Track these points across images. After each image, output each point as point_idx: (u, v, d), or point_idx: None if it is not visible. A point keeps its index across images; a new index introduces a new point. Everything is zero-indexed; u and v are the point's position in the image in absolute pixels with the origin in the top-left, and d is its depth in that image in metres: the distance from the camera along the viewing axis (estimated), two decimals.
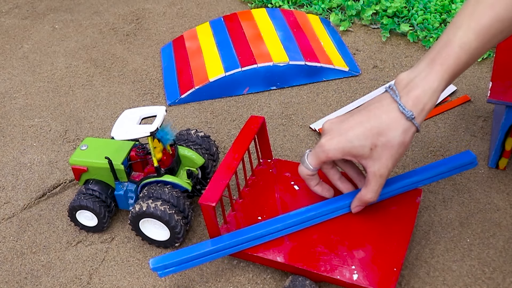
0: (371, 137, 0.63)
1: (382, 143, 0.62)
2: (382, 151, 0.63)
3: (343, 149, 0.64)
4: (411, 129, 0.63)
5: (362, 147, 0.63)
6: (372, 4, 1.27)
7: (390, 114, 0.62)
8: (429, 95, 0.62)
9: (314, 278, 0.72)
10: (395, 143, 0.63)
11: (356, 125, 0.64)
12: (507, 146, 0.85)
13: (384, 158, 0.64)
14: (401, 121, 0.62)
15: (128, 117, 0.80)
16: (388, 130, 0.62)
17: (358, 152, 0.64)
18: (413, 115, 0.62)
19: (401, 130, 0.62)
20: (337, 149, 0.64)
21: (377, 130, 0.62)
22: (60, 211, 0.90)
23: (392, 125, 0.62)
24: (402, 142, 0.63)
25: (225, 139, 1.01)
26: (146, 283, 0.78)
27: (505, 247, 0.78)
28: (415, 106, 0.62)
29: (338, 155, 0.65)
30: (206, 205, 0.71)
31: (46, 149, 1.03)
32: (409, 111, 0.62)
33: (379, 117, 0.63)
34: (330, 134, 0.65)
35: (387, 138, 0.62)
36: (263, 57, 1.10)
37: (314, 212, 0.76)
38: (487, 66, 1.11)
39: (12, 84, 1.21)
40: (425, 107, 0.63)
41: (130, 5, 1.46)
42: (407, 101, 0.62)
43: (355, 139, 0.63)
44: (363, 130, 0.63)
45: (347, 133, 0.64)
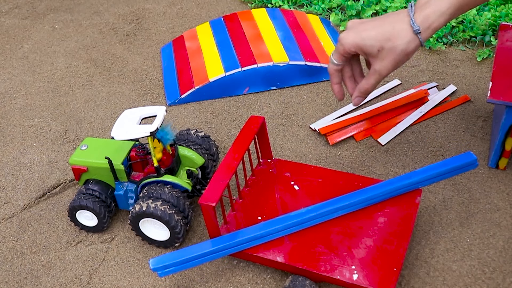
0: (381, 40, 0.74)
1: (388, 47, 0.73)
2: (387, 54, 0.74)
3: (356, 44, 0.75)
4: (415, 41, 0.73)
5: (371, 46, 0.74)
6: (372, 4, 1.27)
7: (401, 24, 0.73)
8: (437, 16, 0.72)
9: (314, 278, 0.72)
10: (399, 49, 0.73)
11: (371, 28, 0.75)
12: (507, 146, 0.85)
13: (386, 60, 0.74)
14: (408, 33, 0.73)
15: (128, 117, 0.79)
16: (396, 37, 0.73)
17: (367, 49, 0.75)
18: (419, 30, 0.72)
19: (407, 40, 0.73)
20: (351, 43, 0.75)
21: (387, 36, 0.73)
22: (60, 211, 0.90)
23: (400, 34, 0.73)
24: (404, 50, 0.73)
25: (225, 139, 1.01)
26: (146, 283, 0.78)
27: (505, 247, 0.78)
28: (423, 23, 0.72)
29: (352, 48, 0.76)
30: (206, 205, 0.71)
31: (46, 149, 1.03)
32: (417, 25, 0.72)
33: (392, 25, 0.74)
34: (349, 31, 0.76)
35: (393, 44, 0.73)
36: (263, 57, 1.10)
37: (314, 212, 0.76)
38: (487, 66, 1.11)
39: (12, 84, 1.21)
40: (431, 25, 0.72)
41: (130, 5, 1.46)
42: (418, 17, 0.72)
43: (367, 38, 0.74)
44: (375, 33, 0.74)
45: (362, 32, 0.75)
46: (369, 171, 0.91)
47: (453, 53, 1.15)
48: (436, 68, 1.11)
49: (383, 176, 0.90)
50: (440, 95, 1.03)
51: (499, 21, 1.16)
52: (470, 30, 1.17)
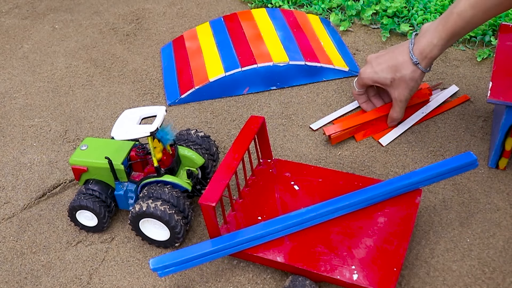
0: (391, 72, 0.89)
1: (398, 77, 0.89)
2: (399, 83, 0.89)
3: (372, 78, 0.92)
4: (417, 70, 0.88)
5: (385, 78, 0.90)
6: (372, 4, 1.27)
7: (404, 57, 0.88)
8: (430, 48, 0.86)
9: (314, 278, 0.72)
10: (407, 78, 0.88)
11: (383, 62, 0.90)
12: (507, 146, 0.85)
13: (401, 88, 0.90)
14: (410, 64, 0.87)
15: (128, 117, 0.79)
16: (402, 68, 0.88)
17: (382, 81, 0.91)
18: (417, 61, 0.87)
19: (410, 70, 0.88)
20: (368, 78, 0.93)
21: (395, 68, 0.89)
22: (60, 211, 0.90)
23: (404, 66, 0.88)
24: (412, 78, 0.88)
25: (225, 139, 1.01)
26: (146, 283, 0.78)
27: (505, 247, 0.78)
28: (420, 54, 0.86)
29: (369, 82, 0.93)
30: (206, 205, 0.71)
31: (46, 149, 1.03)
32: (415, 58, 0.87)
33: (397, 59, 0.88)
34: (367, 66, 0.93)
35: (401, 74, 0.88)
36: (263, 57, 1.10)
37: (314, 212, 0.76)
38: (487, 66, 1.11)
39: (12, 84, 1.21)
40: (427, 56, 0.86)
41: (130, 5, 1.46)
42: (416, 49, 0.87)
43: (380, 72, 0.91)
44: (386, 66, 0.90)
45: (376, 67, 0.91)
46: (369, 171, 0.91)
47: (453, 53, 1.15)
48: (436, 68, 1.11)
49: (383, 176, 0.90)
50: (443, 96, 1.02)
51: (499, 21, 1.16)
52: None
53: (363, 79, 0.93)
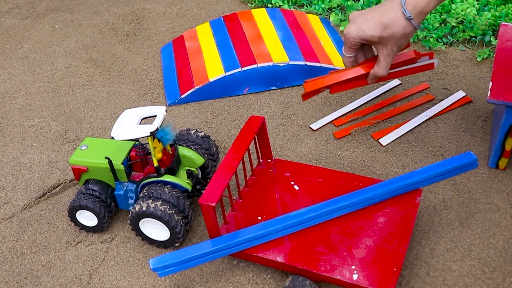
0: (379, 29, 0.81)
1: (388, 34, 0.81)
2: (388, 40, 0.81)
3: (359, 36, 0.83)
4: (409, 27, 0.80)
5: (372, 36, 0.82)
6: (372, 4, 1.27)
7: (395, 12, 0.80)
8: (425, 2, 0.78)
9: (314, 278, 0.72)
10: (398, 35, 0.81)
11: (369, 19, 0.82)
12: (507, 146, 0.85)
13: (389, 44, 0.82)
14: (402, 20, 0.80)
15: (128, 117, 0.79)
16: (392, 25, 0.80)
17: (369, 39, 0.83)
18: (410, 16, 0.79)
19: (402, 27, 0.80)
20: (354, 36, 0.83)
21: (384, 24, 0.81)
22: (60, 211, 0.90)
23: (395, 22, 0.80)
24: (403, 34, 0.81)
25: (225, 139, 1.01)
26: (146, 283, 0.78)
27: (505, 247, 0.78)
28: (414, 9, 0.79)
29: (356, 40, 0.84)
30: (206, 205, 0.71)
31: (46, 149, 1.03)
32: (408, 12, 0.79)
33: (387, 14, 0.80)
34: (351, 24, 0.84)
35: (391, 31, 0.80)
36: (263, 57, 1.10)
37: (314, 212, 0.76)
38: (487, 66, 1.11)
39: (12, 84, 1.21)
40: (422, 10, 0.79)
41: (130, 5, 1.46)
42: (409, 3, 0.79)
43: (367, 29, 0.82)
44: (373, 23, 0.81)
45: (362, 24, 0.82)
46: (369, 171, 0.91)
47: (453, 53, 1.15)
48: (436, 68, 1.11)
49: (383, 176, 0.90)
50: (449, 100, 1.02)
51: (499, 21, 1.16)
52: (470, 30, 1.17)
53: (349, 38, 0.84)
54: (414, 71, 0.91)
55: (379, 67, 0.86)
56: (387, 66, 0.85)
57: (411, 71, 0.91)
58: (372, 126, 1.00)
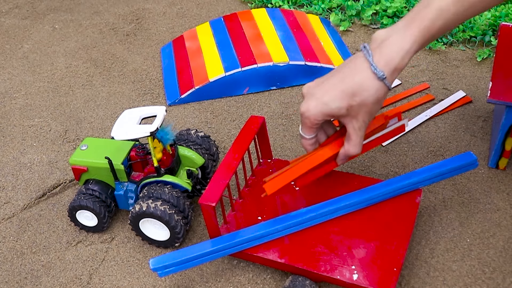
0: (346, 98, 0.65)
1: (357, 103, 0.65)
2: (358, 109, 0.65)
3: (322, 112, 0.67)
4: (383, 88, 0.64)
5: (338, 108, 0.66)
6: (372, 4, 1.27)
7: (362, 74, 0.64)
8: (401, 56, 0.63)
9: (314, 278, 0.72)
10: (370, 101, 0.65)
11: (331, 88, 0.66)
12: (507, 146, 0.85)
13: (360, 115, 0.66)
14: (373, 81, 0.64)
15: (128, 117, 0.80)
16: (361, 90, 0.64)
17: (335, 113, 0.66)
18: (384, 75, 0.63)
19: (374, 90, 0.64)
20: (316, 114, 0.67)
21: (351, 91, 0.64)
22: (60, 211, 0.90)
23: (364, 85, 0.64)
24: (376, 100, 0.65)
25: (225, 139, 1.01)
26: (146, 283, 0.78)
27: (505, 247, 0.78)
28: (387, 66, 0.63)
29: (319, 118, 0.68)
30: (206, 205, 0.71)
31: (46, 149, 1.03)
32: (381, 71, 0.63)
33: (352, 78, 0.64)
34: (308, 100, 0.68)
35: (361, 98, 0.64)
36: (263, 57, 1.10)
37: (314, 212, 0.76)
38: (487, 66, 1.11)
39: (12, 84, 1.21)
40: (397, 66, 0.64)
41: (130, 5, 1.46)
42: (379, 60, 0.64)
43: (331, 102, 0.66)
44: (337, 92, 0.65)
45: (323, 97, 0.66)
46: (369, 171, 0.91)
47: (453, 53, 1.15)
48: (436, 68, 1.11)
49: (383, 176, 0.90)
50: (449, 100, 1.02)
51: (499, 21, 1.16)
52: (470, 30, 1.17)
53: (310, 117, 0.67)
54: (384, 139, 0.78)
55: (351, 145, 0.70)
56: (360, 142, 0.70)
57: (380, 140, 0.78)
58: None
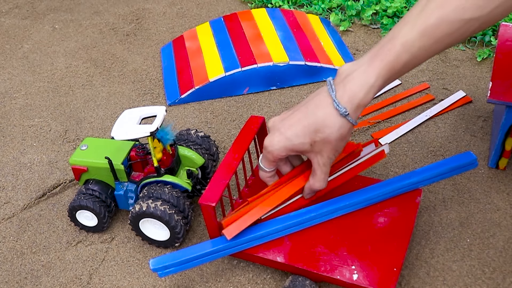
0: (309, 134, 0.65)
1: (321, 139, 0.64)
2: (322, 145, 0.65)
3: (285, 147, 0.67)
4: (346, 125, 0.63)
5: (302, 144, 0.65)
6: (372, 4, 1.27)
7: (325, 109, 0.63)
8: (365, 91, 0.62)
9: (314, 278, 0.72)
10: (333, 138, 0.64)
11: (294, 123, 0.65)
12: (507, 146, 0.85)
13: (324, 151, 0.66)
14: (336, 118, 0.63)
15: (128, 117, 0.80)
16: (324, 126, 0.63)
17: (299, 148, 0.66)
18: (346, 112, 0.62)
19: (337, 127, 0.63)
20: (279, 149, 0.67)
21: (314, 127, 0.64)
22: (60, 211, 0.90)
23: (327, 122, 0.63)
24: (339, 137, 0.64)
25: (225, 139, 1.01)
26: (146, 283, 0.78)
27: (505, 247, 0.78)
28: (350, 102, 0.62)
29: (283, 153, 0.67)
30: (206, 205, 0.71)
31: (46, 149, 1.03)
32: (343, 107, 0.62)
33: (315, 114, 0.64)
34: (273, 135, 0.67)
35: (324, 134, 0.64)
36: (263, 57, 1.10)
37: (314, 212, 0.76)
38: (487, 66, 1.11)
39: (12, 84, 1.21)
40: (360, 102, 0.62)
41: (130, 5, 1.46)
42: (342, 96, 0.62)
43: (294, 137, 0.65)
44: (301, 128, 0.65)
45: (286, 132, 0.66)
46: (369, 171, 0.91)
47: (453, 53, 1.15)
48: (436, 68, 1.11)
49: (383, 176, 0.90)
50: (449, 100, 1.02)
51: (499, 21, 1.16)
52: None
53: (274, 152, 0.67)
54: (363, 167, 0.78)
55: (316, 180, 0.70)
56: (325, 177, 0.69)
57: (359, 168, 0.78)
58: (372, 126, 0.99)
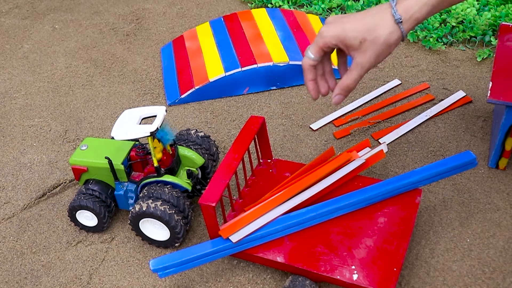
0: (363, 31, 0.71)
1: (371, 38, 0.71)
2: (369, 45, 0.72)
3: (338, 37, 0.72)
4: (397, 32, 0.71)
5: (354, 38, 0.72)
6: (372, 4, 1.27)
7: (383, 15, 0.72)
8: (418, 6, 0.71)
9: (314, 278, 0.72)
10: (381, 40, 0.71)
11: (353, 20, 0.73)
12: (507, 146, 0.85)
13: (368, 52, 0.72)
14: (390, 23, 0.71)
15: (128, 117, 0.80)
16: (377, 27, 0.71)
17: (349, 41, 0.72)
18: (400, 19, 0.70)
19: (388, 31, 0.71)
20: (333, 36, 0.73)
21: (369, 26, 0.71)
22: (60, 211, 0.90)
23: (382, 24, 0.71)
24: (386, 41, 0.71)
25: (225, 139, 1.01)
26: (146, 283, 0.78)
27: (505, 247, 0.78)
28: (405, 13, 0.71)
29: (333, 41, 0.73)
30: (206, 205, 0.71)
31: (46, 149, 1.03)
32: (399, 15, 0.70)
33: (373, 16, 0.72)
34: (330, 24, 0.74)
35: (375, 34, 0.71)
36: (263, 57, 1.10)
37: (314, 212, 0.76)
38: (487, 66, 1.11)
39: (12, 84, 1.21)
40: (413, 15, 0.71)
41: (130, 5, 1.46)
42: (400, 7, 0.71)
43: (349, 30, 0.72)
44: (357, 24, 0.72)
45: (344, 24, 0.72)
46: (369, 171, 0.91)
47: (453, 53, 1.15)
48: (436, 68, 1.11)
49: (383, 176, 0.90)
50: (449, 100, 1.02)
51: (499, 21, 1.16)
52: (470, 30, 1.17)
53: (325, 38, 0.73)
54: (362, 167, 0.81)
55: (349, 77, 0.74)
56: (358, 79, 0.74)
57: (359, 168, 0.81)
58: (372, 126, 1.00)
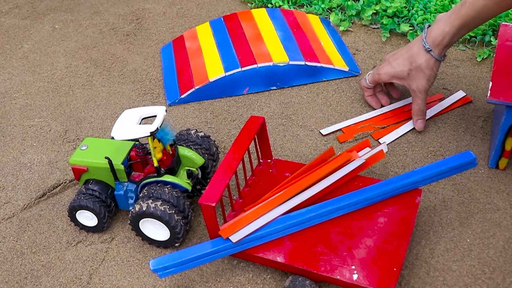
0: (408, 64, 0.92)
1: (414, 67, 0.91)
2: (416, 73, 0.92)
3: (390, 74, 0.95)
4: (431, 58, 0.90)
5: (402, 71, 0.93)
6: (372, 4, 1.27)
7: (418, 46, 0.92)
8: (442, 36, 0.88)
9: (314, 278, 0.72)
10: (423, 67, 0.91)
11: (399, 57, 0.94)
12: (507, 146, 0.85)
13: (418, 78, 0.92)
14: (423, 52, 0.91)
15: (128, 117, 0.80)
16: (416, 57, 0.91)
17: (399, 75, 0.94)
18: (429, 48, 0.90)
19: (425, 59, 0.91)
20: (385, 73, 0.96)
21: (410, 59, 0.92)
22: (60, 211, 0.90)
23: (419, 54, 0.91)
24: (427, 66, 0.91)
25: (225, 139, 1.01)
26: (146, 283, 0.78)
27: (505, 247, 0.78)
28: (432, 43, 0.90)
29: (386, 77, 0.96)
30: (206, 205, 0.71)
31: (46, 149, 1.03)
32: (428, 44, 0.90)
33: (411, 49, 0.92)
34: (384, 64, 0.97)
35: (417, 63, 0.91)
36: (263, 57, 1.10)
37: (314, 212, 0.76)
38: (487, 66, 1.11)
39: (12, 84, 1.21)
40: (439, 43, 0.89)
41: (130, 5, 1.46)
42: (428, 38, 0.90)
43: (397, 66, 0.94)
44: (402, 59, 0.93)
45: (392, 62, 0.95)
46: (369, 171, 0.91)
47: (453, 53, 1.15)
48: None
49: (383, 176, 0.90)
50: (449, 100, 1.02)
51: (499, 21, 1.16)
52: None
53: (381, 75, 0.96)
54: (362, 167, 0.82)
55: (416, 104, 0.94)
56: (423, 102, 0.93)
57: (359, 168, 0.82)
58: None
